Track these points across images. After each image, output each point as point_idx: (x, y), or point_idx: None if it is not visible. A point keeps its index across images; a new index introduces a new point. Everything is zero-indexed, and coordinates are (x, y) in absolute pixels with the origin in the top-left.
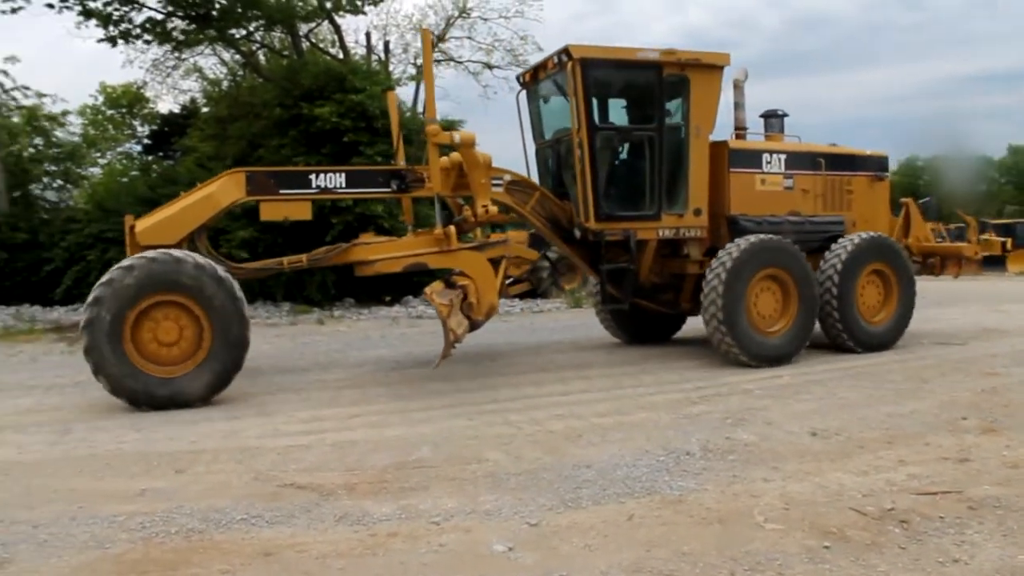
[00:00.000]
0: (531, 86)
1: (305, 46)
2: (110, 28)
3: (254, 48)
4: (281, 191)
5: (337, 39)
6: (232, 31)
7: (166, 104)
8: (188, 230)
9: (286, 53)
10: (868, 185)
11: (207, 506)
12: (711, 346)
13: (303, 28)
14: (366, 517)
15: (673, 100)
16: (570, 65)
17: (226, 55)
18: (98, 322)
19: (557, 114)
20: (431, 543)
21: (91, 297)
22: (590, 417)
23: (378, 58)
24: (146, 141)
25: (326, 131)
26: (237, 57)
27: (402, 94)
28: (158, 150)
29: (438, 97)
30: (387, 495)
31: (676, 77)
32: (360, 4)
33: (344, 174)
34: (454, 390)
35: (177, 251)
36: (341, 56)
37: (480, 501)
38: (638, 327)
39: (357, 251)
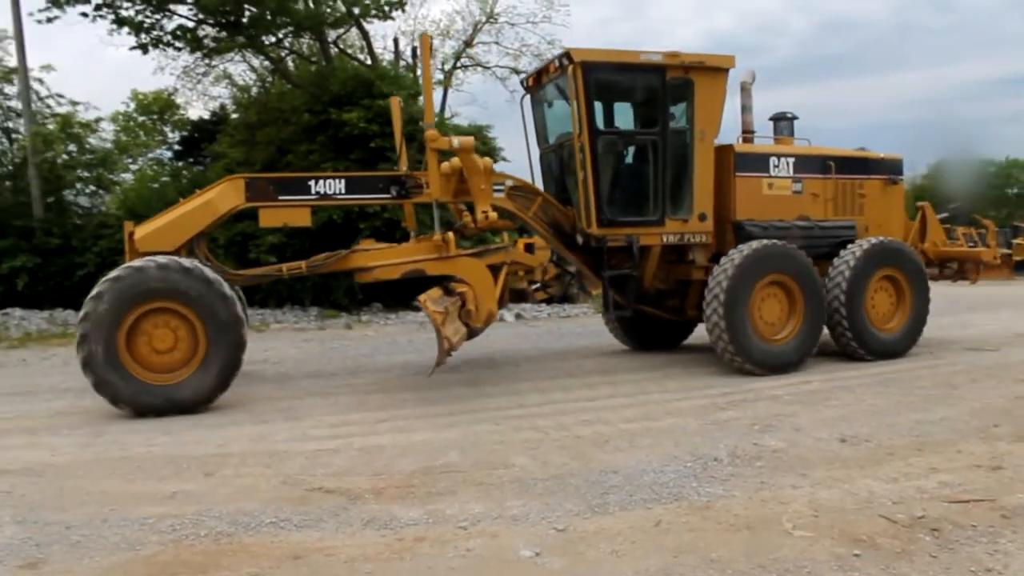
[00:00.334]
0: (535, 90)
1: (333, 52)
2: (142, 36)
3: (283, 54)
4: (280, 197)
5: (365, 45)
6: (262, 38)
7: (196, 110)
8: (187, 236)
9: (315, 59)
10: (881, 189)
11: (236, 509)
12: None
13: (331, 34)
14: (393, 521)
15: (677, 103)
16: (571, 68)
17: (255, 61)
18: (95, 327)
19: (560, 118)
20: (458, 548)
21: (81, 314)
22: (617, 422)
23: (406, 63)
24: (177, 147)
25: (354, 136)
26: (266, 63)
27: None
28: (188, 156)
29: (465, 102)
30: (414, 499)
31: (680, 80)
32: (388, 10)
33: (343, 180)
34: (480, 395)
35: (162, 257)
36: (369, 62)
37: (507, 506)
38: (645, 334)
39: (356, 258)
